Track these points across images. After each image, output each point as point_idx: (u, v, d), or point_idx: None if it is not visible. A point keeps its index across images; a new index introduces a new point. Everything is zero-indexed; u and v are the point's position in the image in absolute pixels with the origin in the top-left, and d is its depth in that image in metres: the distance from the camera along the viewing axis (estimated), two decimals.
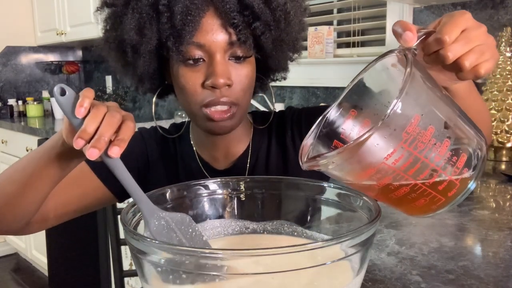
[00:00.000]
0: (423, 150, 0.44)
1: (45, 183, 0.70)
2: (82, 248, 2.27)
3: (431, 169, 0.45)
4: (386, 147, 0.43)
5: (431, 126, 0.44)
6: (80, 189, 0.84)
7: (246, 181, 0.65)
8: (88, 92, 0.55)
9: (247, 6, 0.74)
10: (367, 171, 0.45)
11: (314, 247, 0.42)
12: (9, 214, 0.73)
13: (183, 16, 0.72)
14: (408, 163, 0.44)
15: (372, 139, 0.42)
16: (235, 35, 0.74)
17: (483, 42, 0.50)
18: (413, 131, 0.43)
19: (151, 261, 0.45)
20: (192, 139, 0.91)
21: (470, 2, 1.63)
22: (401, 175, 0.45)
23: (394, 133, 0.43)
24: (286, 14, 0.77)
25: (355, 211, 0.56)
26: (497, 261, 0.68)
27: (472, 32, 0.49)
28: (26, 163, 0.70)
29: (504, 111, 1.40)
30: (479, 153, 0.48)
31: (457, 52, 0.49)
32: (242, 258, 0.42)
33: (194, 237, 0.56)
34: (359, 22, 2.13)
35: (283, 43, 0.80)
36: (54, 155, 0.66)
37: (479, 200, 1.04)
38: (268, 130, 0.91)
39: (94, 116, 0.53)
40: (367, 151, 0.43)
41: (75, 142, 0.52)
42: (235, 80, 0.76)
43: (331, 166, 0.46)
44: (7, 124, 3.09)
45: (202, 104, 0.76)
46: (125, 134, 0.54)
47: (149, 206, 0.54)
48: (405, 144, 0.43)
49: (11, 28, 3.50)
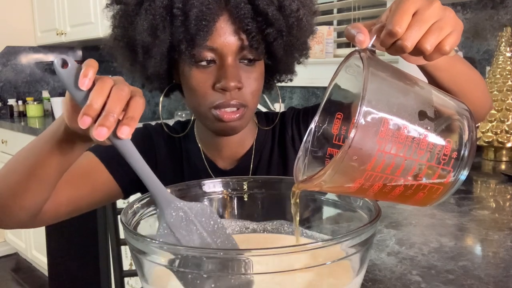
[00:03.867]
0: (402, 150, 0.43)
1: (49, 173, 0.65)
2: (82, 248, 2.27)
3: (418, 164, 0.44)
4: (364, 157, 0.42)
5: (404, 124, 0.43)
6: (90, 184, 0.82)
7: (246, 181, 0.65)
8: (91, 62, 0.50)
9: (261, 12, 0.74)
10: (356, 182, 0.44)
11: (314, 247, 0.42)
12: (15, 206, 0.69)
13: (197, 21, 0.71)
14: (392, 166, 0.43)
15: (348, 155, 0.41)
16: (247, 41, 0.75)
17: (439, 18, 0.47)
18: (386, 135, 0.42)
19: (153, 261, 0.45)
20: (197, 138, 0.91)
21: (470, 2, 1.63)
22: (390, 177, 0.44)
23: (368, 142, 0.42)
24: (299, 20, 0.77)
25: (355, 211, 0.56)
26: (497, 261, 0.68)
27: (424, 13, 0.46)
28: (28, 152, 0.66)
29: (504, 111, 1.40)
30: (464, 130, 0.46)
31: (414, 39, 0.46)
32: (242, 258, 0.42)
33: (217, 230, 0.52)
34: (359, 22, 2.12)
35: (293, 48, 0.80)
36: (56, 143, 0.61)
37: (479, 200, 1.04)
38: (272, 131, 0.92)
39: (100, 89, 0.48)
40: (348, 166, 0.42)
41: (81, 121, 0.46)
42: (245, 83, 0.76)
43: (325, 187, 0.46)
44: (7, 124, 3.09)
45: (212, 106, 0.76)
46: (135, 111, 0.49)
47: (165, 195, 0.50)
48: (383, 150, 0.42)
49: (11, 28, 3.50)
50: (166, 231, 0.50)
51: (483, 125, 1.43)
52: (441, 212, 0.91)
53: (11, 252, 3.46)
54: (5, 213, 0.70)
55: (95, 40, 3.05)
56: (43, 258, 2.87)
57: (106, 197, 0.86)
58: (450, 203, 0.96)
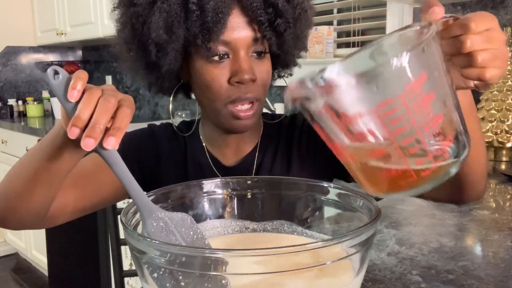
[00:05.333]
0: (417, 113, 0.42)
1: (53, 176, 0.67)
2: (82, 248, 2.27)
3: (416, 138, 0.43)
4: (385, 92, 0.41)
5: (433, 92, 0.42)
6: (97, 183, 0.83)
7: (246, 181, 0.65)
8: (81, 74, 0.51)
9: (271, 3, 0.76)
10: (356, 114, 0.42)
11: (314, 247, 0.42)
12: (22, 209, 0.70)
13: (214, 14, 0.73)
14: (398, 121, 0.42)
15: (376, 77, 0.40)
16: (260, 32, 0.77)
17: (500, 48, 0.50)
18: (416, 87, 0.41)
19: (150, 262, 0.45)
20: (202, 135, 0.92)
21: (470, 2, 1.63)
22: (385, 132, 0.42)
23: (399, 80, 0.40)
24: (304, 12, 0.80)
25: (355, 211, 0.56)
26: (497, 261, 0.68)
27: (495, 34, 0.49)
28: (32, 156, 0.68)
29: (504, 111, 1.40)
30: (461, 145, 0.46)
31: (476, 44, 0.48)
32: (242, 258, 0.42)
33: (196, 240, 0.53)
34: (359, 22, 2.12)
35: (297, 40, 0.83)
36: (57, 147, 0.62)
37: (479, 200, 1.04)
38: (278, 131, 0.93)
39: (88, 100, 0.50)
40: (365, 91, 0.40)
41: (70, 131, 0.48)
42: (258, 76, 0.78)
43: (320, 101, 0.42)
44: (7, 124, 3.09)
45: (228, 101, 0.78)
46: (121, 121, 0.50)
47: (147, 205, 0.51)
48: (405, 98, 0.41)
49: (11, 28, 3.50)
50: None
51: (483, 125, 1.43)
52: (441, 212, 0.91)
53: (11, 252, 3.46)
54: (13, 216, 0.72)
55: (95, 40, 3.05)
56: (43, 258, 2.87)
57: (111, 198, 0.87)
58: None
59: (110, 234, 1.22)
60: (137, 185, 0.52)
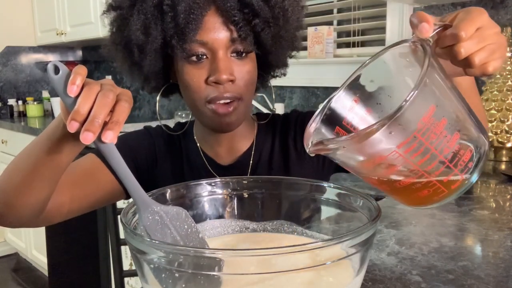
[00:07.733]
0: (434, 141, 0.44)
1: (51, 170, 0.67)
2: (82, 248, 2.27)
3: (439, 160, 0.45)
4: (400, 135, 0.43)
5: (444, 117, 0.44)
6: (94, 183, 0.84)
7: (246, 181, 0.65)
8: (80, 69, 0.52)
9: (247, 4, 0.77)
10: (376, 158, 0.45)
11: (314, 247, 0.41)
12: (20, 203, 0.71)
13: (186, 14, 0.74)
14: (418, 153, 0.44)
15: (388, 127, 0.42)
16: (236, 32, 0.77)
17: (495, 41, 0.51)
18: (428, 121, 0.43)
19: (150, 261, 0.45)
20: (195, 136, 0.93)
21: (470, 2, 1.63)
22: (410, 164, 0.45)
23: (410, 121, 0.42)
24: (284, 11, 0.80)
25: (355, 211, 0.56)
26: (497, 261, 0.68)
27: (486, 31, 0.50)
28: (30, 150, 0.68)
29: (504, 111, 1.40)
30: (482, 149, 0.48)
31: (470, 50, 0.49)
32: (242, 258, 0.42)
33: (190, 234, 0.54)
34: (359, 22, 2.12)
35: (282, 39, 0.83)
36: (56, 140, 0.63)
37: (479, 200, 1.04)
38: (273, 130, 0.94)
39: (87, 95, 0.51)
40: (381, 138, 0.43)
41: (69, 125, 0.49)
42: (237, 76, 0.78)
43: (339, 152, 0.46)
44: (7, 124, 3.09)
45: (206, 100, 0.79)
46: (119, 115, 0.51)
47: (143, 199, 0.52)
48: (419, 133, 0.43)
49: (11, 28, 3.50)
50: (143, 233, 0.52)
51: None
52: (441, 212, 0.91)
53: (11, 252, 3.46)
54: (10, 211, 0.72)
55: (95, 40, 3.05)
56: (43, 258, 2.87)
57: (108, 197, 0.87)
58: (450, 203, 0.96)
59: (110, 234, 1.22)
60: (134, 179, 0.53)
